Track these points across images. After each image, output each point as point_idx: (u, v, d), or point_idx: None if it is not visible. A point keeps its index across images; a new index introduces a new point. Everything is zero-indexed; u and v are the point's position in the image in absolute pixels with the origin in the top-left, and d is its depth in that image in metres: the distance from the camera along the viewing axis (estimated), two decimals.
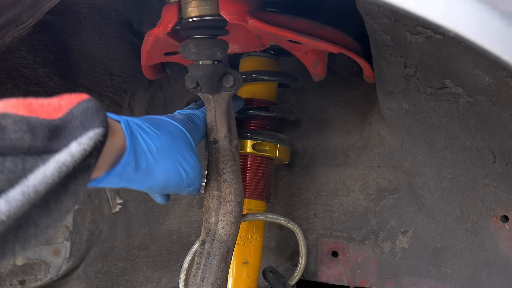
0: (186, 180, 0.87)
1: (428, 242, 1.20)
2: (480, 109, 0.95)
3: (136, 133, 0.77)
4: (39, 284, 1.24)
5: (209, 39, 0.92)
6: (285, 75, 1.18)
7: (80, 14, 1.12)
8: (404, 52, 0.87)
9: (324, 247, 1.32)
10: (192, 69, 0.94)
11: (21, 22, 0.82)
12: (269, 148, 1.15)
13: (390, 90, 1.03)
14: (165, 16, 0.94)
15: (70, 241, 1.26)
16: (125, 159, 0.74)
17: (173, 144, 0.84)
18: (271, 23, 0.92)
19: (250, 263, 1.17)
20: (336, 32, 1.00)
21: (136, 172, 0.78)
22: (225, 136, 0.96)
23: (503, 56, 0.46)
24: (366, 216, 1.27)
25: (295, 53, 1.04)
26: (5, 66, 1.04)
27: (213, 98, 0.96)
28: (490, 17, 0.45)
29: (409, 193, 1.22)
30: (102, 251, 1.29)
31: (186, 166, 0.87)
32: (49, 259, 1.25)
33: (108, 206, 1.29)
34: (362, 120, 1.26)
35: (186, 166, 0.87)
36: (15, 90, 1.06)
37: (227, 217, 0.96)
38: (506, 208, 1.11)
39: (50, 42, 1.10)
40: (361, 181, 1.27)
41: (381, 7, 0.79)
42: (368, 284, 1.27)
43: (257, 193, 1.18)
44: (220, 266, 0.95)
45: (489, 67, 0.80)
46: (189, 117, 0.95)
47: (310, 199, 1.33)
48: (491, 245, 1.14)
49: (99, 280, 1.30)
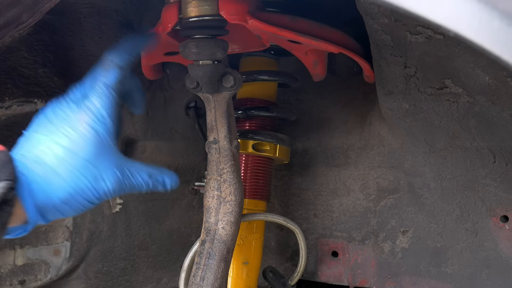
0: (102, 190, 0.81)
1: (428, 242, 1.20)
2: (480, 109, 0.95)
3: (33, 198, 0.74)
4: (39, 284, 1.24)
5: (209, 39, 0.92)
6: (285, 75, 1.18)
7: (80, 14, 1.12)
8: (404, 52, 0.87)
9: (324, 247, 1.32)
10: (192, 69, 0.94)
11: (21, 22, 0.82)
12: (269, 148, 1.15)
13: (390, 90, 1.03)
14: (165, 16, 0.94)
15: (70, 241, 1.26)
16: (30, 226, 0.75)
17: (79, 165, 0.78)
18: (271, 23, 0.92)
19: (250, 263, 1.17)
20: (336, 32, 1.00)
21: (53, 211, 0.77)
22: (225, 136, 0.96)
23: (503, 56, 0.46)
24: (366, 216, 1.27)
25: (295, 53, 1.04)
26: (5, 66, 1.04)
27: (213, 98, 0.96)
28: (490, 17, 0.45)
29: (409, 193, 1.22)
30: (102, 251, 1.29)
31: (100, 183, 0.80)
32: (49, 259, 1.25)
33: (108, 206, 1.29)
34: (362, 120, 1.26)
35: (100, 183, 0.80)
36: (15, 90, 1.05)
37: (227, 217, 0.96)
38: (506, 208, 1.11)
39: (50, 42, 1.10)
40: (361, 181, 1.27)
41: (381, 7, 0.79)
42: (368, 284, 1.27)
43: (257, 193, 1.18)
44: (220, 266, 0.95)
45: (489, 67, 0.80)
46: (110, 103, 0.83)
47: (310, 199, 1.33)
48: (491, 245, 1.14)
49: (99, 280, 1.30)
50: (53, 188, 0.76)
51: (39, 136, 0.79)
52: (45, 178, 0.76)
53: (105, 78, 0.83)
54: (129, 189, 0.84)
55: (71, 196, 0.77)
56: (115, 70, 0.84)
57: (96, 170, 0.79)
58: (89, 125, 0.80)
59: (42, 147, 0.78)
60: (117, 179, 0.81)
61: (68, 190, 0.77)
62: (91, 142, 0.79)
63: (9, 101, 1.04)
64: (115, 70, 0.84)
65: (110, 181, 0.80)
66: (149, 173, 0.86)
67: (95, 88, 0.83)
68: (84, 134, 0.79)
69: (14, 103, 1.05)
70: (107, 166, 0.80)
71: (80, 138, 0.79)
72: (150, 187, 0.87)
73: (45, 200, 0.76)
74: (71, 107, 0.81)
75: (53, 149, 0.77)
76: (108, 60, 0.85)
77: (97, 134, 0.80)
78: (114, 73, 0.84)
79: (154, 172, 0.87)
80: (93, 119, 0.80)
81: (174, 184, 0.90)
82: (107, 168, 0.80)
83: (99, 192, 0.80)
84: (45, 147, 0.78)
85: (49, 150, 0.77)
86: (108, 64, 0.85)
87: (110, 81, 0.83)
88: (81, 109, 0.81)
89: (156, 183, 0.87)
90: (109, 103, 0.82)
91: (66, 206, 0.78)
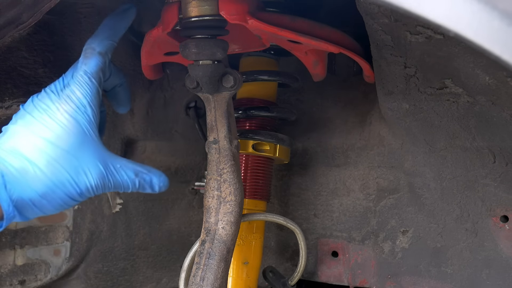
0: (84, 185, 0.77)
1: (428, 242, 1.20)
2: (480, 109, 0.95)
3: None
4: (39, 284, 1.24)
5: (209, 39, 0.92)
6: (285, 75, 1.18)
7: (80, 14, 1.12)
8: (404, 52, 0.87)
9: (324, 247, 1.32)
10: (192, 69, 0.94)
11: (21, 22, 0.82)
12: (269, 148, 1.15)
13: (390, 90, 1.03)
14: (165, 16, 0.94)
15: (70, 241, 1.26)
16: (6, 222, 0.71)
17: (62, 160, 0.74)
18: (271, 23, 0.92)
19: (250, 263, 1.17)
20: (336, 32, 1.00)
21: (31, 207, 0.73)
22: (225, 136, 0.96)
23: (503, 56, 0.46)
24: (366, 216, 1.27)
25: (295, 53, 1.04)
26: (5, 66, 1.04)
27: (213, 98, 0.96)
28: (490, 17, 0.45)
29: (409, 193, 1.22)
30: (102, 251, 1.29)
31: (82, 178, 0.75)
32: (49, 259, 1.25)
33: (108, 206, 1.29)
34: (362, 120, 1.26)
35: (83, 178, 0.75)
36: (15, 90, 1.05)
37: (227, 217, 0.96)
38: (506, 208, 1.11)
39: (50, 42, 1.10)
40: (361, 181, 1.27)
41: (381, 7, 0.79)
42: (368, 284, 1.27)
43: (257, 193, 1.18)
44: (220, 266, 0.95)
45: (489, 67, 0.80)
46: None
47: (310, 199, 1.33)
48: (491, 245, 1.14)
49: (99, 280, 1.30)
50: (30, 180, 0.71)
51: (16, 127, 0.75)
52: (21, 170, 0.71)
53: (85, 66, 0.80)
54: (114, 186, 0.79)
55: (50, 190, 0.73)
56: (96, 57, 0.81)
57: (77, 162, 0.74)
58: (69, 114, 0.76)
59: (19, 138, 0.74)
60: (100, 173, 0.77)
61: (47, 183, 0.72)
62: (72, 132, 0.75)
63: (9, 101, 1.04)
64: (96, 57, 0.81)
65: (92, 175, 0.76)
66: (135, 171, 0.81)
67: (75, 76, 0.80)
68: (64, 124, 0.75)
69: (14, 103, 1.05)
70: (89, 159, 0.76)
71: (60, 128, 0.75)
72: (136, 187, 0.82)
73: (22, 193, 0.71)
74: (51, 97, 0.78)
75: (31, 140, 0.73)
76: (89, 48, 0.82)
77: (78, 124, 0.76)
78: (94, 60, 0.81)
79: (141, 171, 0.82)
80: (74, 108, 0.76)
81: (162, 185, 0.85)
82: (89, 161, 0.76)
83: (80, 186, 0.75)
84: (22, 138, 0.74)
85: (26, 141, 0.73)
86: (89, 52, 0.82)
87: (90, 69, 0.80)
88: (61, 98, 0.77)
89: (143, 182, 0.82)
90: (90, 91, 0.79)
91: (45, 201, 0.73)
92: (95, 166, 0.76)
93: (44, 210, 0.74)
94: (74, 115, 0.76)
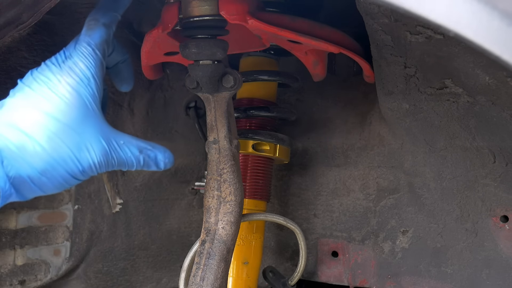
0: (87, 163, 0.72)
1: (428, 242, 1.20)
2: (480, 109, 0.95)
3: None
4: (39, 284, 1.24)
5: (209, 39, 0.92)
6: (285, 75, 1.18)
7: (80, 14, 1.12)
8: (404, 52, 0.87)
9: (324, 247, 1.32)
10: (192, 69, 0.94)
11: (21, 22, 0.82)
12: (269, 148, 1.15)
13: (390, 90, 1.03)
14: (165, 16, 0.94)
15: (70, 241, 1.26)
16: (2, 200, 0.66)
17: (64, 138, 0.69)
18: (271, 23, 0.92)
19: (250, 263, 1.17)
20: (336, 32, 1.00)
21: (30, 185, 0.69)
22: (225, 136, 0.96)
23: (503, 56, 0.46)
24: (366, 216, 1.27)
25: (295, 53, 1.04)
26: (5, 66, 1.04)
27: (213, 98, 0.96)
28: (490, 17, 0.45)
29: (409, 193, 1.22)
30: (102, 251, 1.29)
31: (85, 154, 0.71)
32: (49, 259, 1.25)
33: (108, 206, 1.29)
34: (362, 120, 1.26)
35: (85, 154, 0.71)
36: None
37: (227, 217, 0.96)
38: (506, 208, 1.11)
39: (50, 42, 1.10)
40: (361, 181, 1.27)
41: (381, 7, 0.79)
42: (368, 284, 1.27)
43: (257, 193, 1.18)
44: (220, 266, 0.95)
45: (489, 67, 0.80)
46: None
47: (310, 199, 1.33)
48: (491, 245, 1.14)
49: (99, 280, 1.30)
50: (29, 156, 0.67)
51: (14, 100, 0.71)
52: (19, 145, 0.67)
53: (89, 37, 0.76)
54: (117, 164, 0.75)
55: (51, 166, 0.68)
56: (100, 29, 0.77)
57: (79, 138, 0.70)
58: (72, 87, 0.72)
59: (17, 112, 0.69)
60: (103, 150, 0.73)
61: (47, 159, 0.68)
62: (74, 106, 0.71)
63: None
64: (100, 28, 0.77)
65: (95, 151, 0.72)
66: (139, 148, 0.77)
67: (78, 48, 0.75)
68: (66, 97, 0.71)
69: None
70: (92, 134, 0.72)
71: (61, 101, 0.70)
72: (141, 164, 0.78)
73: (19, 170, 0.67)
74: (52, 69, 0.73)
75: (30, 113, 0.69)
76: (92, 19, 0.78)
77: (81, 97, 0.72)
78: (98, 32, 0.77)
79: (146, 147, 0.79)
80: (77, 81, 0.72)
81: (168, 161, 0.81)
82: (91, 137, 0.72)
83: (82, 163, 0.71)
84: (21, 112, 0.69)
85: (25, 115, 0.69)
86: (92, 23, 0.78)
87: (94, 40, 0.76)
88: (63, 70, 0.73)
89: (148, 159, 0.78)
90: (94, 63, 0.75)
91: (45, 179, 0.69)
92: (98, 142, 0.72)
93: (44, 188, 0.70)
94: (77, 88, 0.72)
